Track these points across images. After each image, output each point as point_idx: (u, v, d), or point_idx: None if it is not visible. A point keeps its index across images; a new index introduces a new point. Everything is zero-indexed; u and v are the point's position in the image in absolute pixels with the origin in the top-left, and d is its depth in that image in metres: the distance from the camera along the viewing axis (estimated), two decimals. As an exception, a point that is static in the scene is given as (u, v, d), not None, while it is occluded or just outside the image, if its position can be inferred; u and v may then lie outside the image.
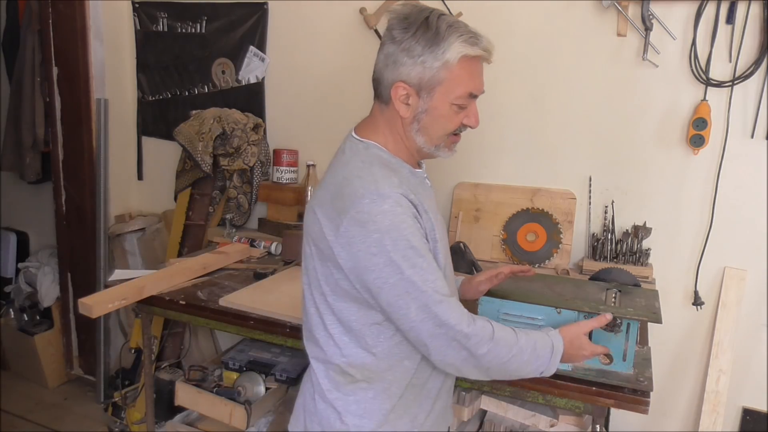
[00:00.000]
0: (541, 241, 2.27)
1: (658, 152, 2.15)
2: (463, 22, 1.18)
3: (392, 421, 1.23)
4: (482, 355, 1.13)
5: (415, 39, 1.12)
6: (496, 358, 1.15)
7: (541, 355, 1.20)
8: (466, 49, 1.13)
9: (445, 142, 1.22)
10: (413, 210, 1.12)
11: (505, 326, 1.20)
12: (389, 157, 1.20)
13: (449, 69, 1.13)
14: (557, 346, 1.23)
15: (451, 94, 1.15)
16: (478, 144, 2.40)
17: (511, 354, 1.16)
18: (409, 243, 1.08)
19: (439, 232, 1.21)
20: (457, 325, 1.11)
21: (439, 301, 1.10)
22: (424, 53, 1.12)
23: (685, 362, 2.22)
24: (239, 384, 2.13)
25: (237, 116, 2.67)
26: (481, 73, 1.20)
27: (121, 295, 1.87)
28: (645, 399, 1.39)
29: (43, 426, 2.96)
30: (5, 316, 3.40)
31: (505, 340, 1.16)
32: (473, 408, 1.86)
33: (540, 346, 1.21)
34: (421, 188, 1.23)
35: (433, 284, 1.10)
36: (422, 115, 1.17)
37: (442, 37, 1.12)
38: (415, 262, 1.08)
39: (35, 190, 3.48)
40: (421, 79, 1.14)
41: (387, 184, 1.10)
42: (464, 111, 1.19)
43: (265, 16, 2.69)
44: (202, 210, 2.77)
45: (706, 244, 2.12)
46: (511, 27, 2.27)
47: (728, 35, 2.00)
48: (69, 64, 2.94)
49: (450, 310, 1.11)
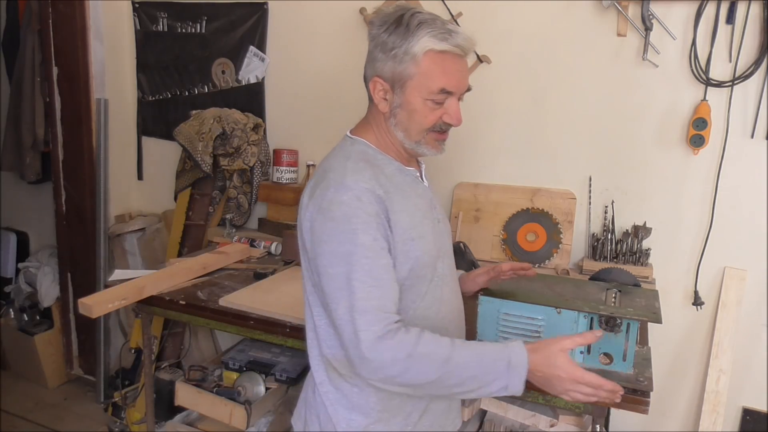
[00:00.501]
0: (541, 241, 2.27)
1: (658, 152, 2.15)
2: (442, 20, 1.17)
3: (385, 419, 1.22)
4: (396, 374, 1.07)
5: (387, 34, 1.15)
6: (417, 376, 1.07)
7: (491, 371, 1.08)
8: (432, 44, 1.13)
9: (426, 138, 1.21)
10: (376, 207, 1.11)
11: (443, 340, 1.09)
12: (374, 153, 1.22)
13: (417, 63, 1.14)
14: (516, 361, 1.08)
15: (423, 89, 1.16)
16: (478, 144, 2.40)
17: (441, 372, 1.07)
18: (357, 239, 1.08)
19: (419, 230, 1.19)
20: (368, 341, 1.05)
21: (365, 310, 1.06)
22: (395, 48, 1.14)
23: (685, 362, 2.22)
24: (239, 384, 2.14)
25: (237, 116, 2.67)
26: (459, 70, 1.17)
27: (121, 295, 1.88)
28: (645, 399, 1.39)
29: (43, 426, 2.96)
30: (5, 316, 3.40)
31: (432, 357, 1.06)
32: (473, 408, 1.86)
33: (490, 361, 1.08)
34: (409, 186, 1.23)
35: (369, 289, 1.07)
36: (397, 109, 1.19)
37: (411, 33, 1.13)
38: (359, 259, 1.08)
39: (35, 190, 3.48)
40: (393, 73, 1.16)
41: (354, 177, 1.12)
42: (442, 108, 1.19)
43: (265, 16, 2.69)
44: (202, 210, 2.77)
45: (706, 244, 2.12)
46: (511, 27, 2.27)
47: (728, 35, 2.00)
48: (69, 64, 2.94)
49: (371, 323, 1.06)
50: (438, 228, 1.28)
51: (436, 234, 1.25)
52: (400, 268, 1.15)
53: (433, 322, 1.23)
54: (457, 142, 2.41)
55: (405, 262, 1.16)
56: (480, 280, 1.48)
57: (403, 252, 1.15)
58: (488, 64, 2.33)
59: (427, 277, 1.22)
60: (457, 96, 1.19)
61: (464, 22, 2.32)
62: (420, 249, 1.18)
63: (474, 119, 2.39)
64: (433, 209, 1.28)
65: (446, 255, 1.30)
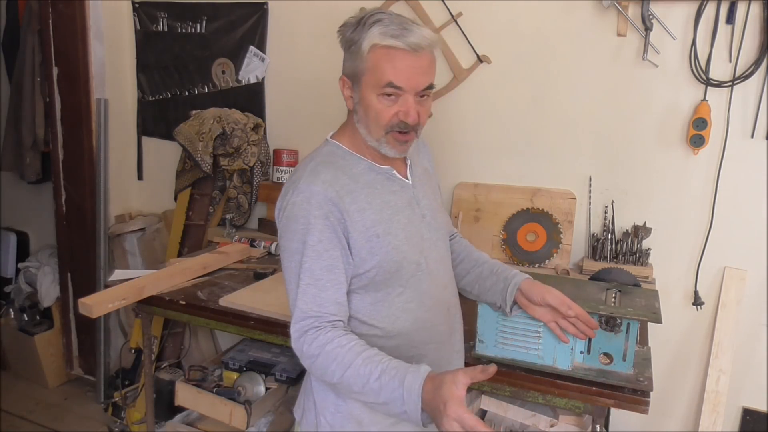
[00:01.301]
0: (541, 241, 2.27)
1: (658, 152, 2.15)
2: (404, 19, 1.19)
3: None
4: (308, 367, 1.18)
5: (350, 33, 1.21)
6: (322, 375, 1.16)
7: (386, 390, 1.06)
8: (377, 39, 1.16)
9: (386, 138, 1.21)
10: (327, 209, 1.17)
11: (354, 350, 1.11)
12: (343, 153, 1.26)
13: (364, 58, 1.18)
14: (409, 384, 1.05)
15: (373, 84, 1.18)
16: (478, 144, 2.40)
17: (342, 377, 1.11)
18: (303, 239, 1.17)
19: (385, 227, 1.21)
20: (292, 323, 1.18)
21: (296, 306, 1.17)
22: (351, 45, 1.20)
23: (685, 362, 2.22)
24: (239, 384, 2.13)
25: (237, 116, 2.67)
26: (411, 66, 1.17)
27: (121, 295, 1.88)
28: (645, 399, 1.39)
29: (43, 426, 2.96)
30: (5, 316, 3.40)
31: (334, 362, 1.12)
32: (473, 408, 1.86)
33: (387, 379, 1.07)
34: (380, 184, 1.25)
35: (304, 286, 1.16)
36: (358, 106, 1.23)
37: (365, 30, 1.18)
38: (300, 257, 1.17)
39: (35, 190, 3.48)
40: (351, 69, 1.21)
41: (310, 180, 1.19)
42: (397, 104, 1.19)
43: (265, 16, 2.69)
44: (202, 210, 2.77)
45: (706, 244, 2.12)
46: (511, 27, 2.27)
47: (728, 35, 2.00)
48: (69, 64, 2.94)
49: (296, 321, 1.17)
50: (421, 223, 1.29)
51: (413, 230, 1.26)
52: (364, 264, 1.20)
53: (416, 315, 1.26)
54: (458, 142, 2.42)
55: (370, 257, 1.20)
56: (539, 312, 1.36)
57: (366, 248, 1.20)
58: (488, 64, 2.33)
59: (403, 272, 1.23)
60: (411, 93, 1.18)
61: (464, 22, 2.32)
62: (387, 245, 1.21)
63: (474, 119, 2.39)
64: (416, 206, 1.30)
65: (432, 249, 1.31)
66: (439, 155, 2.43)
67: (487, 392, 1.76)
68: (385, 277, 1.22)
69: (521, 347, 1.46)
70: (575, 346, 1.43)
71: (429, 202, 1.34)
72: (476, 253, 1.50)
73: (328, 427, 1.27)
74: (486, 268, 1.44)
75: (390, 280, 1.23)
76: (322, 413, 1.28)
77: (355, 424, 1.25)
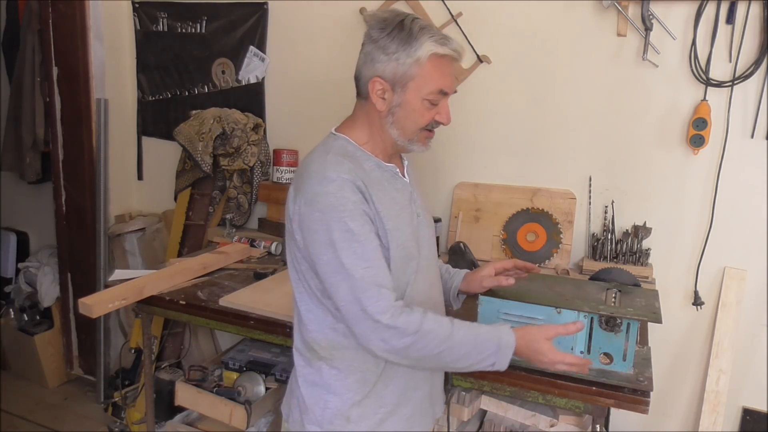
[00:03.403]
0: (541, 241, 2.27)
1: (658, 152, 2.15)
2: (434, 26, 1.27)
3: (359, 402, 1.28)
4: (402, 348, 1.16)
5: (390, 38, 1.21)
6: (421, 350, 1.16)
7: (484, 350, 1.19)
8: (436, 48, 1.21)
9: (418, 136, 1.28)
10: (359, 195, 1.18)
11: (444, 319, 1.20)
12: (354, 149, 1.28)
13: (420, 65, 1.21)
14: (505, 343, 1.20)
15: (423, 90, 1.23)
16: (478, 144, 2.40)
17: (442, 348, 1.17)
18: (346, 225, 1.16)
19: (395, 222, 1.24)
20: (378, 314, 1.14)
21: (366, 288, 1.15)
22: (398, 51, 1.21)
23: (685, 362, 2.22)
24: (239, 384, 2.13)
25: (237, 116, 2.67)
26: (452, 73, 1.27)
27: (121, 295, 1.88)
28: (645, 399, 1.39)
29: (43, 426, 2.96)
30: (5, 316, 3.40)
31: (435, 334, 1.16)
32: (473, 408, 1.86)
33: (483, 341, 1.20)
34: (387, 181, 1.28)
35: (364, 270, 1.15)
36: (396, 108, 1.25)
37: (414, 37, 1.20)
38: (350, 245, 1.16)
39: (35, 190, 3.48)
40: (395, 74, 1.22)
41: (335, 169, 1.19)
42: (436, 108, 1.27)
43: (265, 16, 2.69)
44: (202, 210, 2.77)
45: (706, 244, 2.12)
46: (511, 27, 2.27)
47: (728, 35, 2.00)
48: (69, 64, 2.94)
49: (376, 299, 1.15)
50: (417, 221, 1.33)
51: (414, 227, 1.31)
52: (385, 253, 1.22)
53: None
54: (458, 142, 2.42)
55: (384, 250, 1.23)
56: (486, 284, 1.46)
57: (384, 239, 1.22)
58: (488, 64, 2.33)
59: (406, 268, 1.27)
60: (449, 97, 1.28)
61: (464, 22, 2.32)
62: (397, 240, 1.24)
63: (474, 119, 2.39)
64: (413, 203, 1.34)
65: (425, 247, 1.34)
66: (439, 155, 2.45)
67: (487, 392, 1.76)
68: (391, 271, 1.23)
69: (521, 347, 1.46)
70: (575, 346, 1.43)
71: (421, 201, 1.39)
72: None
73: (316, 425, 1.29)
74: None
75: (395, 275, 1.24)
76: (310, 410, 1.30)
77: (343, 421, 1.27)
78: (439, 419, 1.53)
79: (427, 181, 2.49)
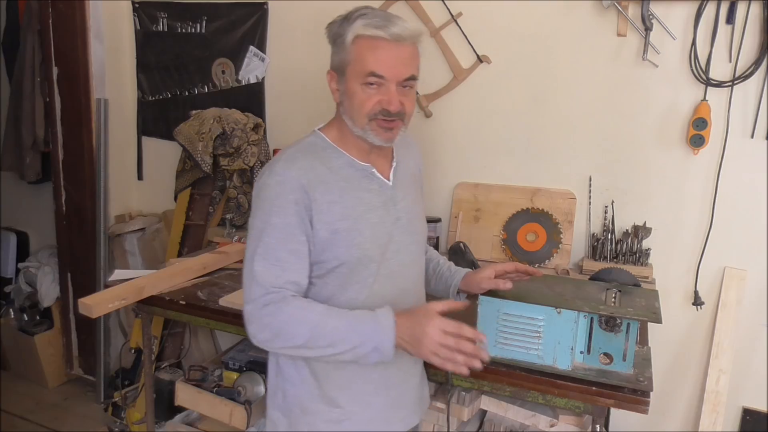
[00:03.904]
0: (541, 241, 2.27)
1: (658, 152, 2.15)
2: (387, 14, 1.24)
3: (314, 392, 1.30)
4: (265, 340, 1.21)
5: (335, 29, 1.26)
6: (288, 341, 1.20)
7: (360, 333, 1.18)
8: (361, 30, 1.20)
9: (370, 125, 1.25)
10: (298, 194, 1.21)
11: (316, 308, 1.20)
12: (325, 146, 1.30)
13: (349, 50, 1.22)
14: (384, 322, 1.18)
15: (357, 74, 1.22)
16: (478, 144, 2.40)
17: (310, 336, 1.18)
18: (270, 219, 1.21)
19: (351, 223, 1.24)
20: (247, 304, 1.22)
21: (258, 283, 1.20)
22: (337, 39, 1.25)
23: (685, 362, 2.22)
24: (239, 384, 2.13)
25: (237, 116, 2.67)
26: (395, 56, 1.21)
27: (121, 295, 1.87)
28: (645, 399, 1.39)
29: (43, 426, 2.96)
30: (5, 316, 3.40)
31: (299, 324, 1.18)
32: (473, 408, 1.86)
33: (359, 323, 1.19)
34: (357, 180, 1.28)
35: (266, 265, 1.20)
36: (344, 97, 1.27)
37: (349, 23, 1.22)
38: (264, 237, 1.21)
39: (35, 190, 3.48)
40: (337, 63, 1.26)
41: (283, 165, 1.24)
42: (380, 93, 1.22)
43: (265, 16, 2.69)
44: (202, 210, 2.77)
45: (706, 244, 2.12)
46: (511, 27, 2.27)
47: (728, 35, 2.00)
48: (69, 64, 2.94)
49: (257, 295, 1.20)
50: (393, 226, 1.31)
51: (384, 231, 1.29)
52: (323, 254, 1.25)
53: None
54: (457, 142, 2.42)
55: (330, 249, 1.24)
56: (485, 286, 1.46)
57: (328, 240, 1.24)
58: (488, 64, 2.33)
59: (362, 269, 1.27)
60: (393, 82, 1.22)
61: (464, 22, 2.32)
62: (350, 240, 1.25)
63: (474, 119, 2.39)
64: (392, 207, 1.32)
65: (401, 252, 1.33)
66: (439, 155, 2.45)
67: (487, 392, 1.76)
68: (342, 271, 1.26)
69: (521, 347, 1.46)
70: (575, 346, 1.43)
71: (408, 206, 1.37)
72: (426, 253, 1.55)
73: (279, 410, 1.35)
74: (431, 267, 1.54)
75: (350, 276, 1.26)
76: (275, 396, 1.36)
77: (299, 412, 1.32)
78: (439, 419, 1.53)
79: (427, 181, 2.48)
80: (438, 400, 1.80)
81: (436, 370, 1.46)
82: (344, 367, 1.28)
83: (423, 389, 1.50)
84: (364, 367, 1.27)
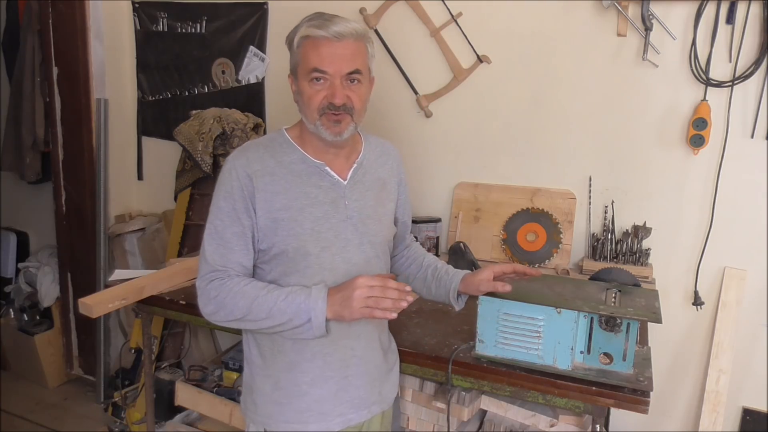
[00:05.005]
0: (541, 241, 2.27)
1: (658, 152, 2.15)
2: (330, 15, 1.31)
3: (265, 371, 1.40)
4: (210, 313, 1.34)
5: (289, 35, 1.34)
6: (230, 314, 1.31)
7: (293, 303, 1.26)
8: (305, 32, 1.29)
9: (321, 120, 1.31)
10: (243, 182, 1.31)
11: (258, 284, 1.31)
12: (282, 141, 1.39)
13: (296, 51, 1.32)
14: (316, 293, 1.27)
15: (305, 72, 1.30)
16: (478, 144, 2.40)
17: (250, 308, 1.28)
18: (219, 202, 1.35)
19: (292, 214, 1.31)
20: (198, 278, 1.36)
21: (206, 261, 1.34)
22: (290, 44, 1.34)
23: (685, 362, 2.22)
24: (239, 384, 2.13)
25: (237, 116, 2.67)
26: (336, 53, 1.28)
27: (121, 295, 1.87)
28: (645, 399, 1.39)
29: (43, 426, 2.96)
30: (5, 316, 3.40)
31: (240, 297, 1.29)
32: (473, 408, 1.86)
33: (294, 296, 1.27)
34: (307, 176, 1.35)
35: (213, 245, 1.34)
36: (298, 96, 1.35)
37: (297, 28, 1.32)
38: (214, 220, 1.35)
39: (35, 190, 3.48)
40: (292, 65, 1.35)
41: (235, 156, 1.36)
42: (326, 88, 1.29)
43: (265, 16, 2.69)
44: (202, 210, 2.77)
45: (706, 244, 2.12)
46: (511, 27, 2.27)
47: (728, 35, 2.00)
48: (69, 64, 2.94)
49: (204, 272, 1.34)
50: (343, 223, 1.36)
51: (327, 226, 1.34)
52: (264, 241, 1.34)
53: None
54: (457, 142, 2.42)
55: (270, 236, 1.33)
56: (484, 289, 1.45)
57: (269, 227, 1.33)
58: (488, 64, 2.33)
59: (299, 260, 1.33)
60: (336, 77, 1.28)
61: (464, 22, 2.32)
62: (288, 230, 1.32)
63: (474, 119, 2.39)
64: (341, 204, 1.36)
65: (350, 250, 1.36)
66: (439, 155, 2.45)
67: (487, 392, 1.76)
68: (283, 259, 1.33)
69: (521, 347, 1.46)
70: (575, 346, 1.43)
71: (363, 207, 1.39)
72: (424, 259, 1.60)
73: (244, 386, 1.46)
74: (429, 272, 1.56)
75: (288, 264, 1.33)
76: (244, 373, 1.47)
77: (248, 389, 1.44)
78: (439, 419, 1.53)
79: (428, 181, 2.49)
80: (438, 400, 1.79)
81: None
82: (287, 352, 1.36)
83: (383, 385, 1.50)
84: (304, 354, 1.35)
